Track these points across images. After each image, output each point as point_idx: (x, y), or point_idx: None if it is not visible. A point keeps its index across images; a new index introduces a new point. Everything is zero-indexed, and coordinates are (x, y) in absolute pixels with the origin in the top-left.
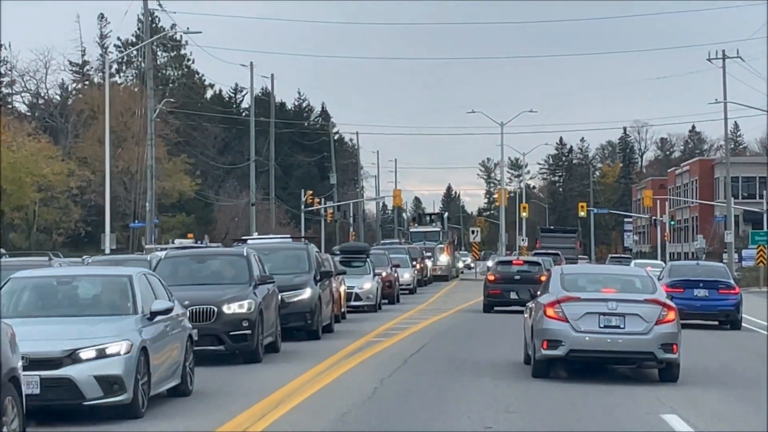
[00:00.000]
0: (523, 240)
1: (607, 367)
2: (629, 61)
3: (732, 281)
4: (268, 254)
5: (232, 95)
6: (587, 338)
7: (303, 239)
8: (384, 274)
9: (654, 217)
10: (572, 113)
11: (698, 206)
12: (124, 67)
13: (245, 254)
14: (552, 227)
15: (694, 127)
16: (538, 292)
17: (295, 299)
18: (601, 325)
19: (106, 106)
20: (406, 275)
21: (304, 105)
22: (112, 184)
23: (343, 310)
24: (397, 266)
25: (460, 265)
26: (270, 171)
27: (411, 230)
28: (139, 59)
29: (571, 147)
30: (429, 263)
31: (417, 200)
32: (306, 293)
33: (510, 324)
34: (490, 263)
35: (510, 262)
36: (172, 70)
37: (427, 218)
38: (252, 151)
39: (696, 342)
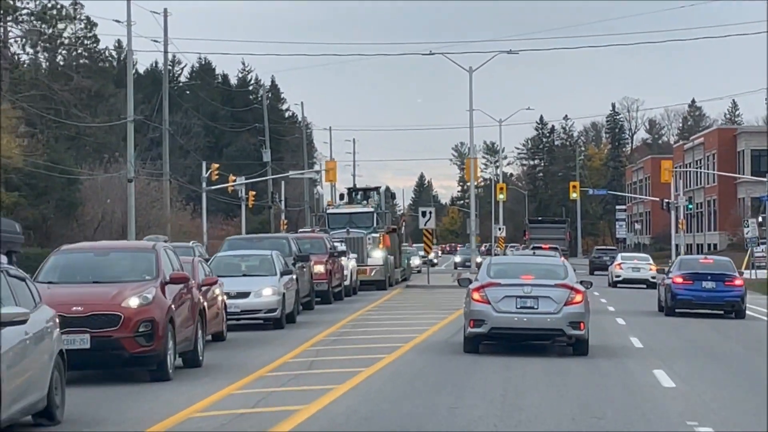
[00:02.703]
0: (500, 229)
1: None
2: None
3: (737, 274)
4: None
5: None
6: (506, 317)
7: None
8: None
9: (667, 200)
10: (554, 88)
11: (716, 187)
12: None
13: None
14: (540, 218)
15: (693, 101)
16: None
17: None
18: (518, 307)
19: None
20: (265, 294)
21: (249, 78)
22: None
23: (221, 328)
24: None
25: (417, 262)
26: (163, 138)
27: (328, 212)
28: None
29: (553, 127)
30: (351, 262)
31: (388, 189)
32: None
33: None
34: (457, 258)
35: None
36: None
37: (358, 195)
38: (129, 106)
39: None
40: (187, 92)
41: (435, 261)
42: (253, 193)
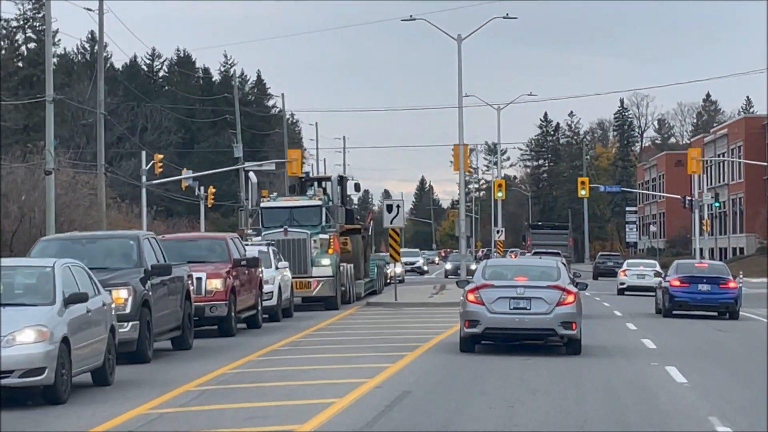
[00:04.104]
0: (498, 232)
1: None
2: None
3: (731, 277)
4: None
5: None
6: (499, 318)
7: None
8: None
9: (689, 198)
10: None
11: (743, 183)
12: None
13: None
14: (540, 222)
15: (708, 95)
16: None
17: None
18: (511, 307)
19: None
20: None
21: (231, 73)
22: None
23: None
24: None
25: (399, 270)
26: (97, 123)
27: (262, 206)
28: None
29: (558, 124)
30: (284, 273)
31: (386, 192)
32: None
33: None
34: (448, 265)
35: None
36: None
37: (312, 187)
38: (48, 83)
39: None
40: (166, 87)
41: (425, 268)
42: (213, 190)
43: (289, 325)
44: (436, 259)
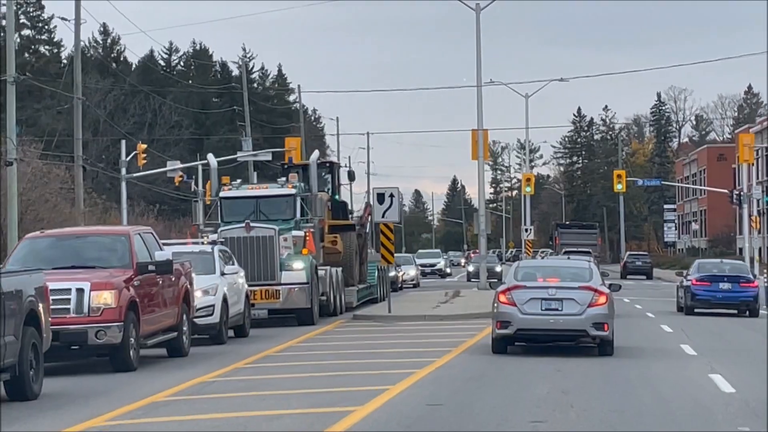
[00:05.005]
0: (527, 231)
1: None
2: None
3: (751, 276)
4: None
5: None
6: (531, 319)
7: None
8: None
9: (738, 192)
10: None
11: None
12: None
13: None
14: (568, 222)
15: (750, 87)
16: None
17: None
18: (543, 308)
19: None
20: None
21: (251, 66)
22: None
23: None
24: None
25: (412, 273)
26: (74, 110)
27: (222, 195)
28: None
29: (591, 119)
30: (237, 278)
31: (417, 193)
32: None
33: None
34: (471, 267)
35: None
36: None
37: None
38: (9, 60)
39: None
40: (180, 81)
41: (448, 270)
42: (210, 183)
43: (232, 349)
44: (462, 261)
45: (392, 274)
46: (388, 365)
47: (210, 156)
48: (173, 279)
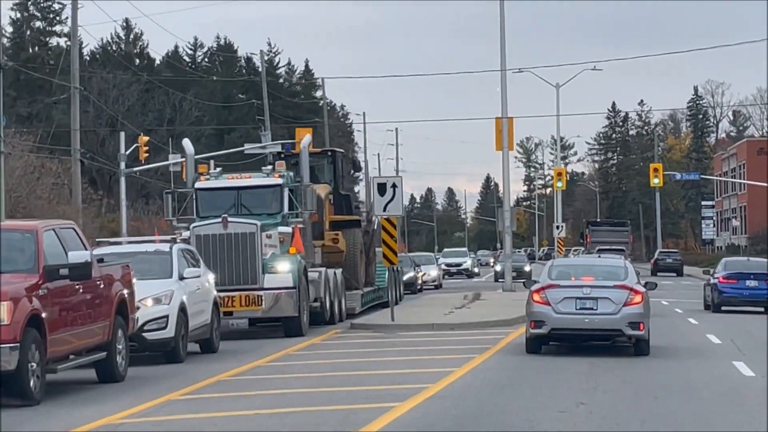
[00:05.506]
0: (558, 228)
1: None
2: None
3: None
4: None
5: None
6: (565, 318)
7: None
8: None
9: None
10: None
11: None
12: None
13: None
14: (599, 220)
15: None
16: None
17: None
18: (578, 308)
19: None
20: None
21: (276, 62)
22: None
23: None
24: None
25: (433, 273)
26: (71, 102)
27: (197, 187)
28: None
29: (627, 114)
30: (203, 282)
31: (450, 191)
32: None
33: None
34: (498, 267)
35: None
36: None
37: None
38: None
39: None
40: (204, 77)
41: (476, 270)
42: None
43: (185, 370)
44: (491, 260)
45: (410, 275)
46: (364, 396)
47: (185, 141)
48: (102, 286)
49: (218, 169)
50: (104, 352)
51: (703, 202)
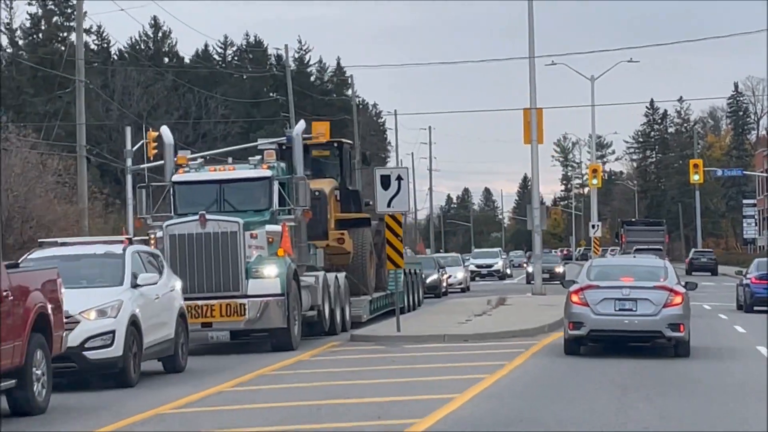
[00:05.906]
0: (593, 227)
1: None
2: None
3: None
4: None
5: None
6: (604, 320)
7: None
8: None
9: None
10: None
11: None
12: None
13: None
14: (634, 219)
15: None
16: None
17: None
18: (617, 309)
19: None
20: None
21: (306, 59)
22: None
23: None
24: None
25: (460, 275)
26: (77, 94)
27: (175, 180)
28: None
29: (665, 112)
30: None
31: (487, 191)
32: None
33: None
34: (530, 268)
35: None
36: None
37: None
38: None
39: None
40: (234, 75)
41: (508, 271)
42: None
43: (128, 398)
44: (524, 261)
45: (434, 277)
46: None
47: (164, 129)
48: (11, 297)
49: (199, 160)
50: (13, 379)
51: (745, 201)
